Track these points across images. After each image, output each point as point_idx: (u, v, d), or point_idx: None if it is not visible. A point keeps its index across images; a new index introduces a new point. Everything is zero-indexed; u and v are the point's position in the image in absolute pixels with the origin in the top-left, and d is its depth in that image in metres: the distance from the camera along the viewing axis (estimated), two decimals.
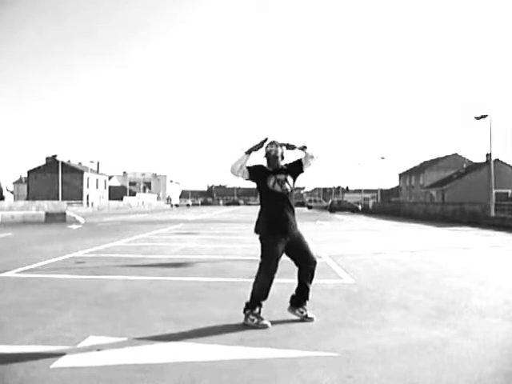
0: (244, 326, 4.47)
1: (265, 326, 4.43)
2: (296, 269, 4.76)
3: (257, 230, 4.65)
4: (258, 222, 4.67)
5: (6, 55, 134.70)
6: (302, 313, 4.71)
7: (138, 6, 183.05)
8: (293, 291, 4.80)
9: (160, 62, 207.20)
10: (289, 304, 4.79)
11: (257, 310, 4.53)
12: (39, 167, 72.93)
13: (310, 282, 4.72)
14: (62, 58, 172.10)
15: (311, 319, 4.69)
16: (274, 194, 4.54)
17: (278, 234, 4.51)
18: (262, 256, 4.60)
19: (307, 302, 4.77)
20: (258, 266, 4.58)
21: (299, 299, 4.73)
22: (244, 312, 4.57)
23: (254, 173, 4.62)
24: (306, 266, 4.67)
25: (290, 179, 4.62)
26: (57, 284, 6.73)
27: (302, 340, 4.09)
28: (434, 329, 4.48)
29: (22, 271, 7.85)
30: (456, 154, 65.27)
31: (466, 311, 5.21)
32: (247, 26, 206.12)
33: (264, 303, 4.57)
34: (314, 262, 4.69)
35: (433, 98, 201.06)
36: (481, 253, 11.79)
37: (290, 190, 4.60)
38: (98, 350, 3.79)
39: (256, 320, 4.48)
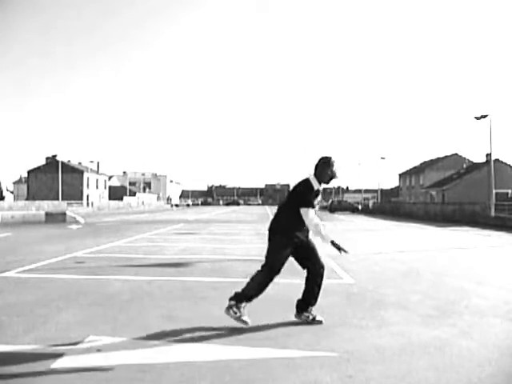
0: (244, 326, 4.45)
1: (244, 323, 4.32)
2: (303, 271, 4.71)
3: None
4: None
5: (6, 56, 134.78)
6: (308, 317, 4.61)
7: (138, 6, 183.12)
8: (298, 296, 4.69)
9: (160, 62, 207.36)
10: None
11: (243, 304, 4.37)
12: (39, 167, 72.85)
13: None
14: (62, 58, 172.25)
15: (319, 322, 4.58)
16: None
17: None
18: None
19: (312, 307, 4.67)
20: (258, 265, 4.57)
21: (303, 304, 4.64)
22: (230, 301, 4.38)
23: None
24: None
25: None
26: (57, 284, 6.72)
27: (302, 340, 4.09)
28: (434, 329, 4.48)
29: (22, 271, 7.85)
30: (456, 154, 65.26)
31: (466, 311, 5.21)
32: (247, 26, 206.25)
33: (264, 303, 4.56)
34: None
35: (433, 98, 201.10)
36: (481, 253, 11.79)
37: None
38: (98, 350, 3.79)
39: (238, 314, 4.33)
